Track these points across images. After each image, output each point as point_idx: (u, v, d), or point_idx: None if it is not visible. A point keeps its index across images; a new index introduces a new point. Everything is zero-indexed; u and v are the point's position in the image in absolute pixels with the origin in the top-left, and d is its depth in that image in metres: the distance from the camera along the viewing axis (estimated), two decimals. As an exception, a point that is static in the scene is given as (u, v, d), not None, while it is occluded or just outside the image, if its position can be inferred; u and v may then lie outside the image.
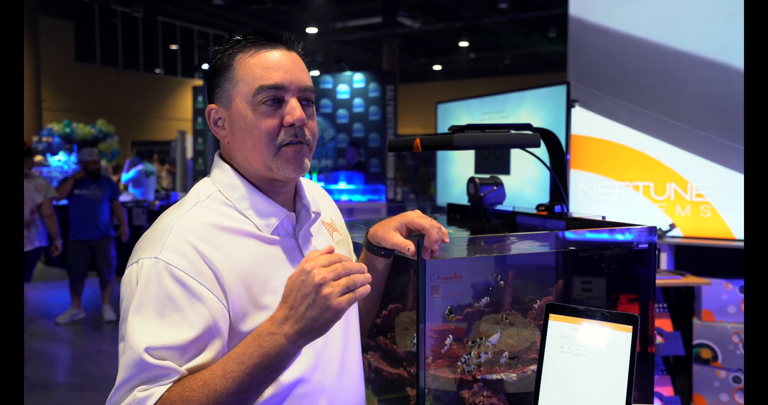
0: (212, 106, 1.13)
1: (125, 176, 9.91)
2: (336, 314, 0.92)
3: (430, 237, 1.18)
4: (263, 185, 1.13)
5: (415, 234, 1.22)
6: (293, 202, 1.19)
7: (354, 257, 1.40)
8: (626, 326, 1.07)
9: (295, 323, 0.92)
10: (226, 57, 1.10)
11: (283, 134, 1.08)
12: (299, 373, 1.07)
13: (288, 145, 1.09)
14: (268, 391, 1.04)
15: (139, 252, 1.03)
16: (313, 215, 1.17)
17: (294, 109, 1.08)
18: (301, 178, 1.23)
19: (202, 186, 1.14)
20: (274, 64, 1.08)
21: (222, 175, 1.13)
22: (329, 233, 1.26)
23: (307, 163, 1.12)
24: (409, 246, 1.18)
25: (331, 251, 0.97)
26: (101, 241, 5.85)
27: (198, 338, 0.97)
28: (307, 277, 0.93)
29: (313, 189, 1.30)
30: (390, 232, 1.21)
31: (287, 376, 1.06)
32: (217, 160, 1.17)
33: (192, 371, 0.97)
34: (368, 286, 0.96)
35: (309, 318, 0.92)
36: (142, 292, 0.98)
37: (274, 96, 1.07)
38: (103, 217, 5.87)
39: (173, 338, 0.96)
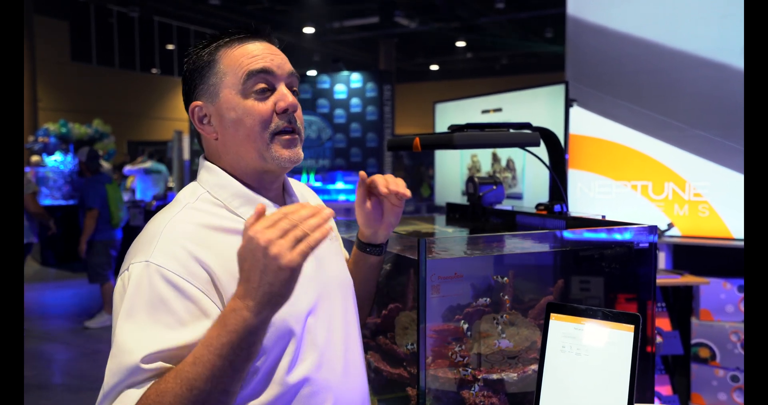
0: (196, 103, 1.11)
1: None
2: (292, 272, 0.87)
3: (377, 182, 1.24)
4: (253, 182, 1.12)
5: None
6: (282, 198, 1.19)
7: (346, 253, 1.40)
8: (628, 326, 1.06)
9: (255, 294, 0.88)
10: (207, 54, 1.10)
11: (277, 120, 1.08)
12: (305, 373, 1.06)
13: (281, 134, 1.09)
14: (274, 392, 1.03)
15: (130, 258, 1.02)
16: None
17: (285, 95, 1.09)
18: (288, 178, 1.23)
19: (189, 189, 1.13)
20: (259, 52, 1.10)
21: (209, 175, 1.12)
22: None
23: (301, 152, 1.12)
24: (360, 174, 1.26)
25: (261, 211, 0.90)
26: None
27: (194, 341, 0.95)
28: (251, 244, 0.87)
29: (299, 187, 1.31)
30: (360, 205, 1.28)
31: (293, 376, 1.05)
32: (202, 162, 1.16)
33: None
34: (326, 228, 0.89)
35: (266, 284, 0.87)
36: (133, 296, 0.97)
37: (264, 80, 1.08)
38: (80, 224, 5.77)
39: (168, 341, 0.94)
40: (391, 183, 1.23)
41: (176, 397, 0.89)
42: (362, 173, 1.26)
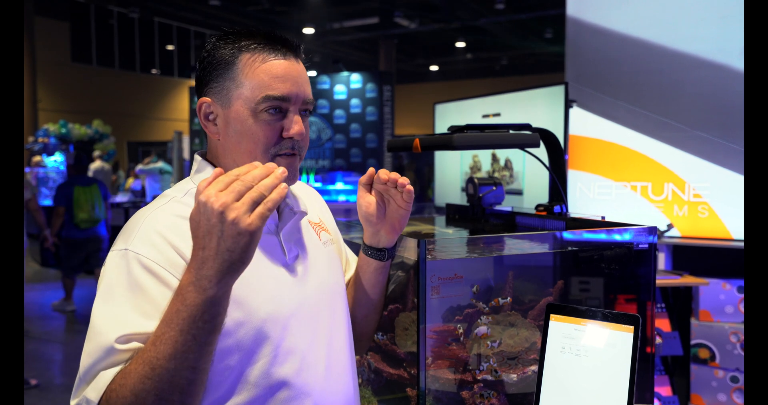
0: (206, 99, 1.10)
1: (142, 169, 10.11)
2: (252, 236, 0.83)
3: (380, 172, 1.21)
4: None
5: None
6: None
7: (344, 257, 1.39)
8: (628, 326, 1.06)
9: (214, 262, 0.84)
10: (228, 53, 1.07)
11: (280, 144, 1.08)
12: (283, 376, 1.05)
13: (282, 156, 1.09)
14: (250, 393, 1.03)
15: (112, 247, 1.04)
16: (296, 214, 1.17)
17: (296, 123, 1.08)
18: None
19: (180, 185, 1.14)
20: (282, 73, 1.07)
21: (203, 173, 1.13)
22: (317, 233, 1.25)
23: (297, 174, 1.12)
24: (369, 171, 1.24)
25: (218, 175, 0.86)
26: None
27: None
28: (205, 209, 0.83)
29: (300, 189, 1.29)
30: (362, 197, 1.25)
31: (271, 379, 1.04)
32: (197, 159, 1.16)
33: None
34: (282, 188, 0.86)
35: (225, 251, 0.83)
36: (111, 281, 0.98)
37: (278, 106, 1.07)
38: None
39: (144, 326, 0.93)
40: (393, 173, 1.20)
41: (140, 378, 0.88)
42: (371, 169, 1.23)
